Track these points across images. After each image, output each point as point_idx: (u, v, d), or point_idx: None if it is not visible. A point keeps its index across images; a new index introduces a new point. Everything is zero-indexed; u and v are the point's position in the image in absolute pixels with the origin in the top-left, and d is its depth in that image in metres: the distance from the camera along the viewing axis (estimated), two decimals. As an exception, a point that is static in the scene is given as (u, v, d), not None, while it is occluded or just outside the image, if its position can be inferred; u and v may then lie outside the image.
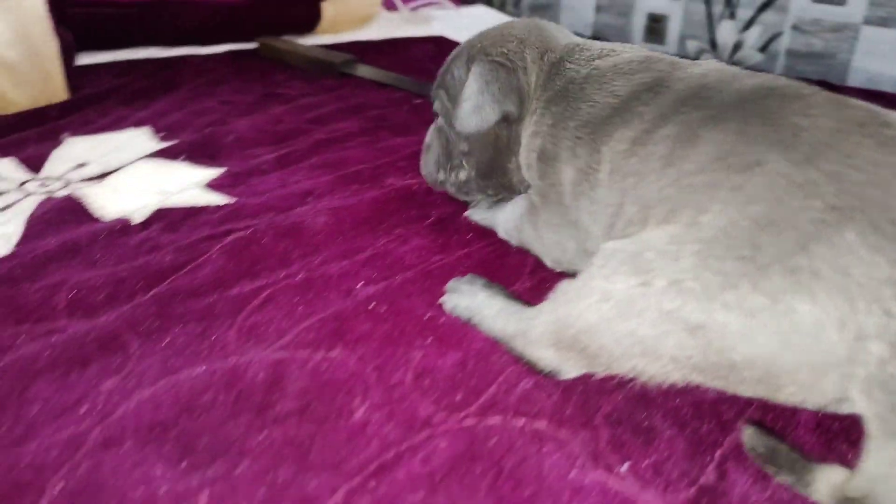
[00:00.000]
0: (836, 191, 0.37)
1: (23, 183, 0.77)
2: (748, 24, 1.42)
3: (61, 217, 0.68)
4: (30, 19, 0.96)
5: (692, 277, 0.37)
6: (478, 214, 0.68)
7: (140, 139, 0.90)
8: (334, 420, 0.43)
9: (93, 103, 1.04)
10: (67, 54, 1.02)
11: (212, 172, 0.79)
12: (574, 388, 0.46)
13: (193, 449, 0.41)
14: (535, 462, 0.40)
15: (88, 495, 0.37)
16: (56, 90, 1.01)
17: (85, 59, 1.24)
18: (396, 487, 0.38)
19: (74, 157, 0.84)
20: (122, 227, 0.66)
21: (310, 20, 1.47)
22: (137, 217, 0.68)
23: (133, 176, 0.78)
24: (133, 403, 0.44)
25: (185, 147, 0.85)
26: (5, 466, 0.39)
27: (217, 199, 0.72)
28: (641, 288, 0.39)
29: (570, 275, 0.47)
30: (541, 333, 0.45)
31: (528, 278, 0.59)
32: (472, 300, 0.53)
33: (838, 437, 0.43)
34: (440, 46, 1.43)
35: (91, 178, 0.78)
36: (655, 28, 1.59)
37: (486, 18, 1.70)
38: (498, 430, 0.42)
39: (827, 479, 0.37)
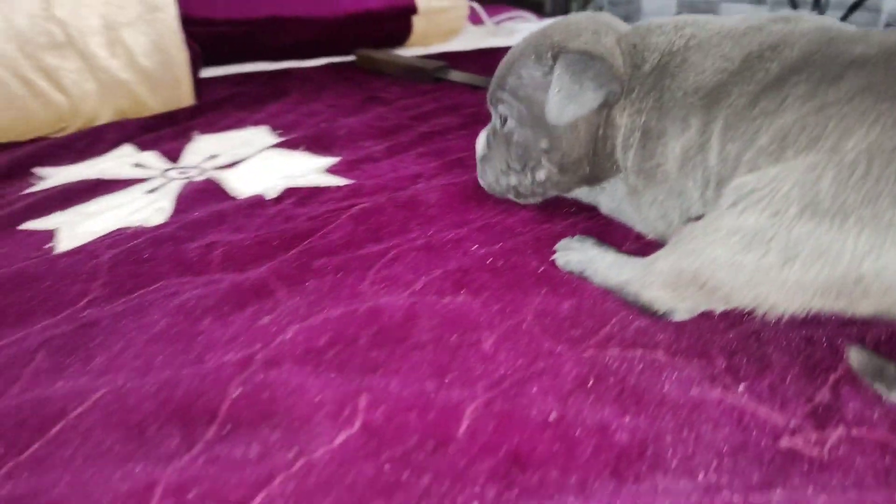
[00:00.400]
0: None
1: (165, 171, 0.87)
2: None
3: (204, 195, 0.77)
4: (165, 32, 1.07)
5: (829, 199, 0.41)
6: (580, 193, 0.71)
7: (261, 135, 0.99)
8: (466, 349, 0.48)
9: (214, 108, 1.14)
10: (195, 64, 1.13)
11: (329, 160, 0.87)
12: (687, 327, 0.49)
13: (347, 368, 0.46)
14: (655, 382, 0.43)
15: (263, 397, 0.44)
16: (184, 96, 1.12)
17: (204, 72, 1.35)
18: (530, 398, 0.42)
19: (206, 150, 0.94)
20: (258, 202, 0.73)
21: (402, 34, 1.56)
22: (270, 194, 0.75)
23: (259, 164, 0.86)
24: (288, 335, 0.50)
25: (302, 140, 0.94)
26: (190, 376, 0.46)
27: (337, 181, 0.80)
28: (773, 218, 0.42)
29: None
30: (659, 274, 0.49)
31: (632, 242, 0.63)
32: (583, 255, 0.57)
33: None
34: (526, 54, 1.48)
35: (223, 167, 0.86)
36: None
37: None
38: (617, 359, 0.46)
39: None
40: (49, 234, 0.69)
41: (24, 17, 0.98)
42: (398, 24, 1.54)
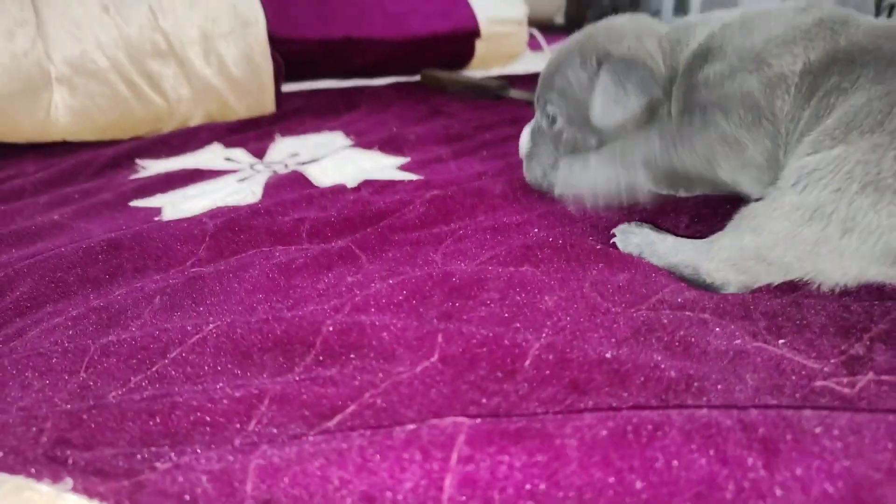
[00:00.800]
0: None
1: (252, 165, 0.96)
2: None
3: (290, 183, 0.85)
4: (255, 45, 1.18)
5: (892, 175, 0.45)
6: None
7: (337, 138, 1.07)
8: (530, 306, 0.53)
9: (293, 115, 1.24)
10: (278, 74, 1.23)
11: (401, 160, 0.94)
12: (734, 297, 0.54)
13: (425, 315, 0.53)
14: (702, 335, 0.48)
15: (352, 333, 0.50)
16: (267, 103, 1.22)
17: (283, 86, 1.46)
18: (588, 341, 0.47)
19: (288, 149, 1.03)
20: (339, 189, 0.81)
21: (465, 56, 1.65)
22: (349, 184, 0.83)
23: (338, 160, 0.94)
24: (371, 290, 0.57)
25: (375, 141, 1.02)
26: (289, 317, 0.53)
27: (409, 176, 0.87)
28: (835, 194, 0.46)
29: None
30: (721, 250, 0.53)
31: (684, 230, 0.68)
32: (643, 238, 0.62)
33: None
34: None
35: (304, 162, 0.95)
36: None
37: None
38: (668, 317, 0.51)
39: None
40: (157, 210, 0.78)
41: (135, 28, 1.10)
42: (462, 47, 1.63)
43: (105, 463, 0.40)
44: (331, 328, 0.51)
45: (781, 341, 0.47)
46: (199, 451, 0.40)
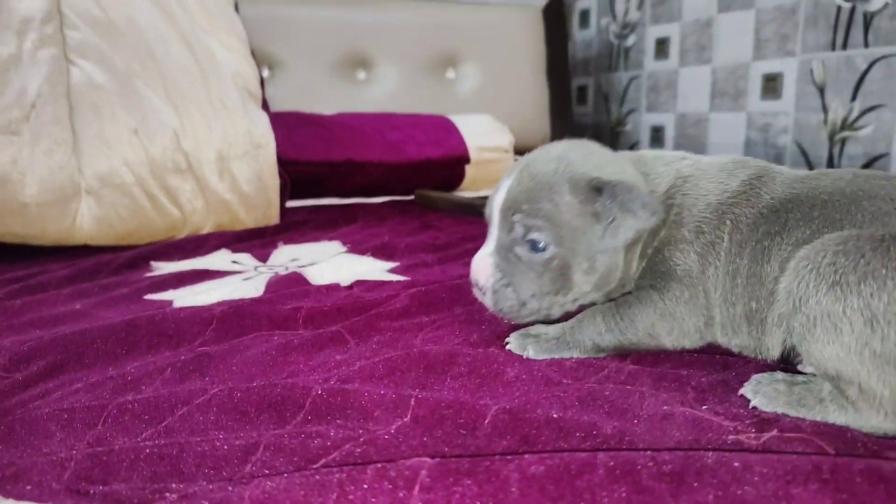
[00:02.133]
0: None
1: (256, 267, 1.06)
2: None
3: (289, 281, 0.95)
4: (265, 165, 1.32)
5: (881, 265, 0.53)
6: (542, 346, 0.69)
7: (334, 246, 1.18)
8: (493, 377, 0.62)
9: (294, 227, 1.36)
10: (283, 190, 1.37)
11: (391, 264, 1.05)
12: (669, 374, 0.62)
13: (403, 384, 0.61)
14: (639, 402, 0.56)
15: (337, 398, 0.58)
16: (272, 216, 1.35)
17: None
18: (539, 405, 0.55)
19: (289, 255, 1.13)
20: (334, 287, 0.91)
21: (456, 179, 1.81)
22: (343, 283, 0.93)
23: (334, 264, 1.05)
24: (356, 366, 0.65)
25: (369, 248, 1.13)
26: (283, 384, 0.60)
27: (398, 277, 0.97)
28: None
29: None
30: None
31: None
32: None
33: None
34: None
35: (304, 265, 1.05)
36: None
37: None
38: (610, 389, 0.59)
39: None
40: (169, 302, 0.87)
41: (159, 149, 1.24)
42: (453, 171, 1.79)
43: (121, 495, 0.47)
44: (320, 392, 0.58)
45: (705, 407, 0.55)
46: (202, 484, 0.47)
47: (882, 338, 0.50)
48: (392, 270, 1.01)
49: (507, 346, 0.69)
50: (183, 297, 0.89)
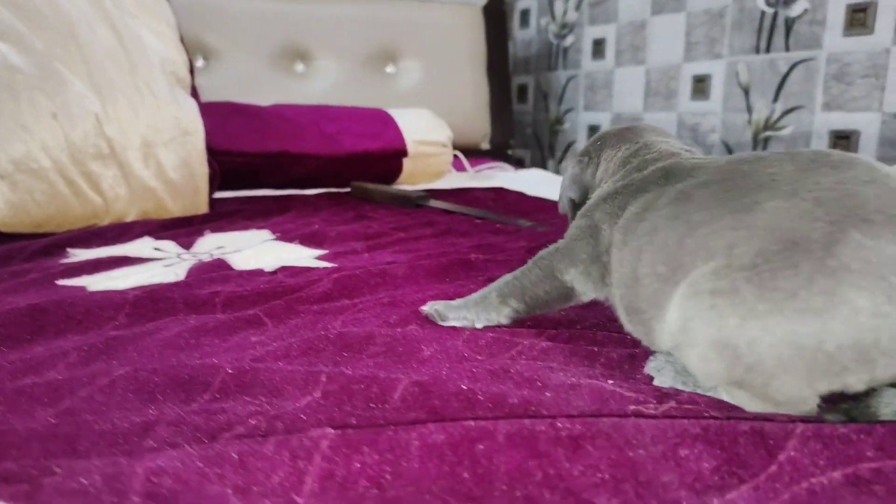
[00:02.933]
0: (825, 210, 0.49)
1: (179, 254, 1.03)
2: None
3: (212, 267, 0.93)
4: (192, 151, 1.29)
5: (757, 299, 0.46)
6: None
7: (262, 234, 1.17)
8: (409, 355, 0.62)
9: (224, 217, 1.33)
10: (212, 179, 1.34)
11: (320, 251, 1.04)
12: (584, 350, 0.63)
13: (317, 363, 0.60)
14: (547, 376, 0.57)
15: (247, 377, 0.57)
16: (200, 204, 1.32)
17: (217, 194, 1.57)
18: (450, 379, 0.56)
19: (214, 243, 1.11)
20: (257, 272, 0.89)
21: (394, 173, 1.80)
22: (267, 269, 0.92)
23: (260, 250, 1.03)
24: (271, 347, 0.64)
25: (297, 236, 1.11)
26: (192, 365, 0.59)
27: (325, 264, 0.96)
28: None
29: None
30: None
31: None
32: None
33: None
34: (498, 193, 1.71)
35: (228, 252, 1.03)
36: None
37: (538, 178, 2.00)
38: (521, 364, 0.60)
39: None
40: (81, 288, 0.84)
41: (80, 134, 1.20)
42: (391, 165, 1.79)
43: (10, 473, 0.45)
44: (229, 370, 0.57)
45: (611, 381, 0.56)
46: (95, 459, 0.45)
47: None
48: (320, 258, 1.00)
49: (420, 308, 0.73)
50: (97, 283, 0.86)
